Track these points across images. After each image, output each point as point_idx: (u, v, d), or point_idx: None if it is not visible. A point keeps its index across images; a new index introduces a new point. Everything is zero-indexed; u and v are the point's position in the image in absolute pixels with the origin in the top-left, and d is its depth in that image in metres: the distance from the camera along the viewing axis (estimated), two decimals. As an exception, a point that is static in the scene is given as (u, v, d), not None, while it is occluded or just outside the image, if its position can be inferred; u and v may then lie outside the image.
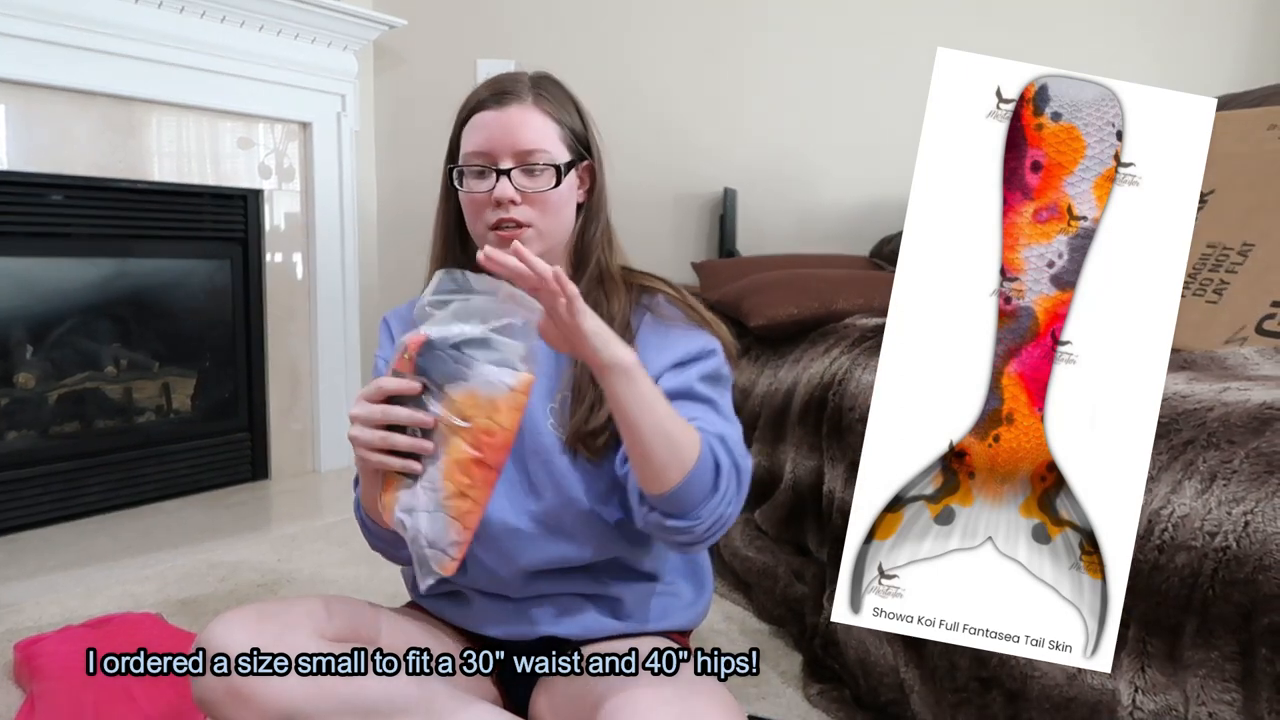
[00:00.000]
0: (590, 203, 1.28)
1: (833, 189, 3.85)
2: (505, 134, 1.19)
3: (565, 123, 1.24)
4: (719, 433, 1.15)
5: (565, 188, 1.22)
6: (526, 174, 1.19)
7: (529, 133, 1.20)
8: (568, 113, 1.25)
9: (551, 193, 1.20)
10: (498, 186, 1.18)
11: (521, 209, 1.19)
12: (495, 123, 1.20)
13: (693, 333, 1.25)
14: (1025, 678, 1.22)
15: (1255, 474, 0.99)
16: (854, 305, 2.26)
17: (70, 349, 2.87)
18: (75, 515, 2.77)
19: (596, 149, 1.29)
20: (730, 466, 1.13)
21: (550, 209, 1.21)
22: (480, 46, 3.66)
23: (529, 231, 1.20)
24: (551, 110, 1.22)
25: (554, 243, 1.24)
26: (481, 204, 1.21)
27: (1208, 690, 0.96)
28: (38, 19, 2.56)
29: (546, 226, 1.21)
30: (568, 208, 1.25)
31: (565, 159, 1.22)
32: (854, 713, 1.64)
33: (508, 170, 1.19)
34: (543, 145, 1.20)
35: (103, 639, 1.77)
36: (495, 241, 1.19)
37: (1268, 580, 0.91)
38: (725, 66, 3.78)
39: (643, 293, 1.29)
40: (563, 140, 1.23)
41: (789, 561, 2.04)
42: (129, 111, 2.86)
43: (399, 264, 3.75)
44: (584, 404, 1.21)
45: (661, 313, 1.26)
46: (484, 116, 1.21)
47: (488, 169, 1.20)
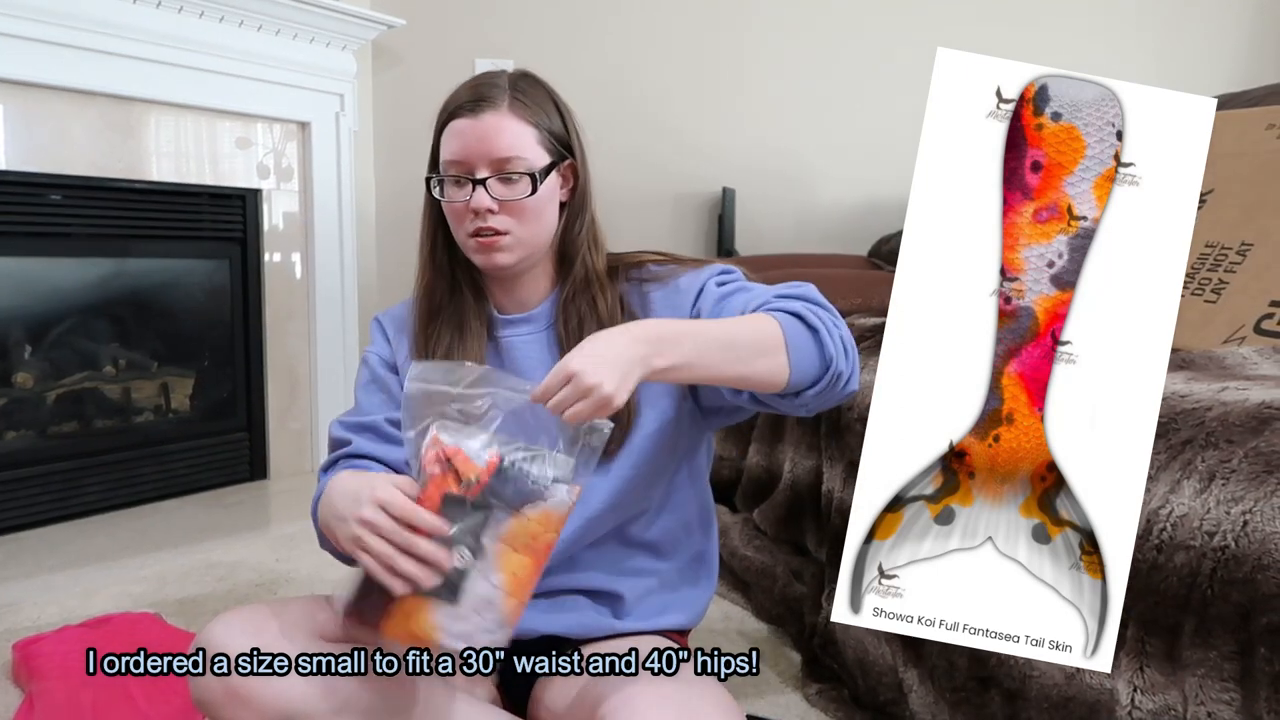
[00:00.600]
0: (573, 201, 1.28)
1: (831, 189, 3.85)
2: (480, 142, 1.19)
3: (543, 125, 1.22)
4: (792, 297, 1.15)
5: (545, 192, 1.22)
6: (503, 182, 1.19)
7: (504, 140, 1.19)
8: (546, 114, 1.24)
9: (529, 200, 1.20)
10: (474, 196, 1.18)
11: (500, 218, 1.19)
12: (470, 131, 1.19)
13: (694, 274, 1.25)
14: (1024, 677, 1.22)
15: (1254, 473, 0.99)
16: (852, 305, 2.26)
17: (69, 349, 2.87)
18: (74, 515, 2.77)
19: (578, 146, 1.27)
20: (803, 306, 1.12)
21: (529, 216, 1.21)
22: (479, 46, 3.65)
23: (507, 239, 1.20)
24: (527, 115, 1.21)
25: (535, 247, 1.24)
26: (460, 213, 1.21)
27: (1206, 690, 0.96)
28: (36, 19, 2.56)
29: (526, 234, 1.21)
30: (547, 211, 1.24)
31: (544, 163, 1.21)
32: (853, 712, 1.64)
33: (483, 180, 1.18)
34: (518, 152, 1.19)
35: (101, 639, 1.76)
36: (476, 248, 1.21)
37: (1266, 580, 0.91)
38: (723, 66, 3.78)
39: (631, 269, 1.29)
40: (541, 144, 1.22)
41: (787, 561, 2.04)
42: (128, 111, 2.86)
43: (397, 264, 3.75)
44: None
45: (657, 276, 1.26)
46: (460, 124, 1.20)
47: (464, 178, 1.20)
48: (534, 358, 1.27)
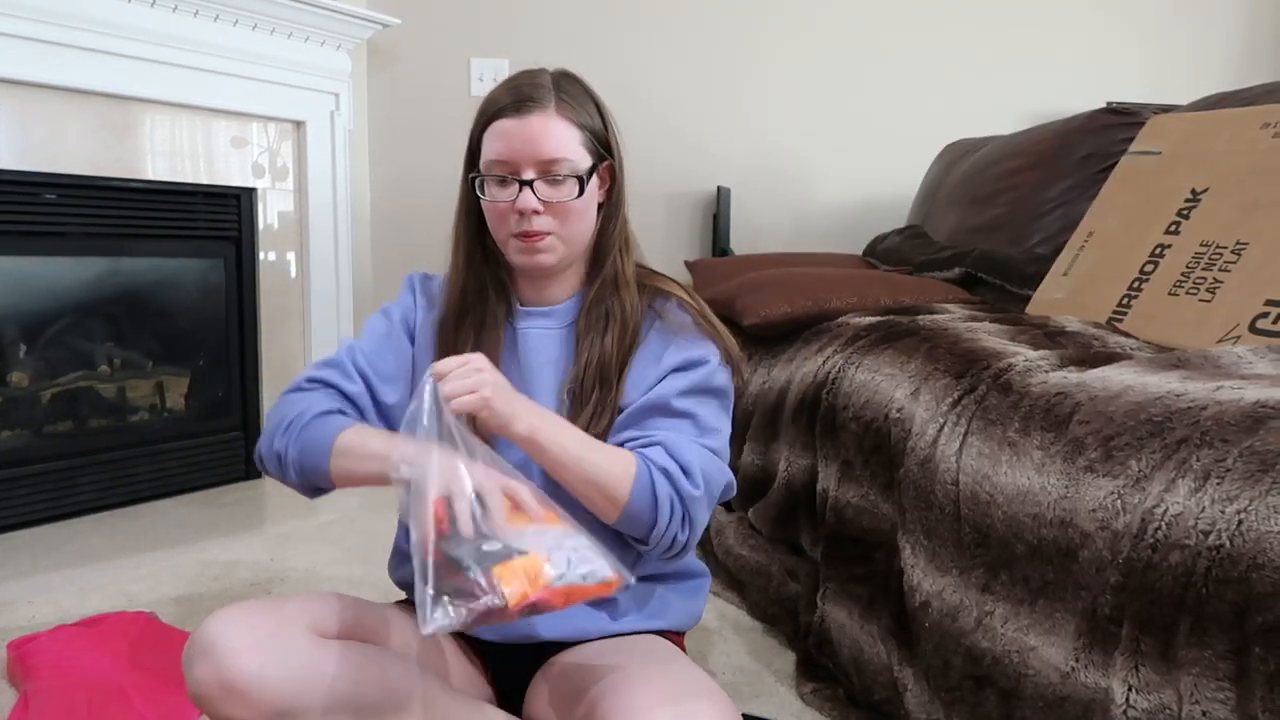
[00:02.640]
0: (609, 202, 1.30)
1: (826, 187, 3.85)
2: (527, 144, 1.19)
3: (586, 126, 1.24)
4: (674, 458, 1.18)
5: (588, 194, 1.23)
6: (550, 184, 1.20)
7: (551, 142, 1.20)
8: (589, 115, 1.25)
9: (574, 202, 1.21)
10: (520, 197, 1.19)
11: (544, 219, 1.20)
12: (517, 132, 1.20)
13: (693, 342, 1.25)
14: (1019, 676, 1.22)
15: (1249, 473, 0.99)
16: (847, 304, 2.26)
17: (64, 348, 2.86)
18: (69, 514, 2.76)
19: (616, 147, 1.30)
20: (670, 496, 1.16)
21: (573, 218, 1.23)
22: (473, 45, 3.65)
23: (550, 239, 1.22)
24: (573, 116, 1.22)
25: (576, 248, 1.26)
26: (504, 213, 1.22)
27: (1201, 689, 0.96)
28: (31, 18, 2.55)
29: (569, 234, 1.23)
30: (590, 213, 1.26)
31: (587, 164, 1.23)
32: (848, 711, 1.65)
33: (530, 181, 1.19)
34: (565, 154, 1.20)
35: (96, 638, 1.76)
36: (519, 249, 1.22)
37: (1261, 579, 0.92)
38: (719, 65, 3.78)
39: (656, 295, 1.30)
40: (584, 145, 1.23)
41: (782, 560, 2.04)
42: (123, 110, 2.86)
43: (392, 262, 3.75)
44: (586, 409, 1.23)
45: (671, 318, 1.27)
46: (505, 124, 1.20)
47: (510, 178, 1.20)
48: (546, 353, 1.28)
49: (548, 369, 1.27)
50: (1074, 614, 1.15)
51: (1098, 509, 1.13)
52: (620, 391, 1.24)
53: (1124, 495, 1.11)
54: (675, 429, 1.20)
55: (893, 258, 3.11)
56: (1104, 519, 1.12)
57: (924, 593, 1.44)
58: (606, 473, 1.13)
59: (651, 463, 1.16)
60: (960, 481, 1.39)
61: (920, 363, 1.66)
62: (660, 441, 1.18)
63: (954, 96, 3.79)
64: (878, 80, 3.79)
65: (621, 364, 1.24)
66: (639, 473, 1.14)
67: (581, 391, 1.23)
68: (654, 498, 1.14)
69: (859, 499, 1.71)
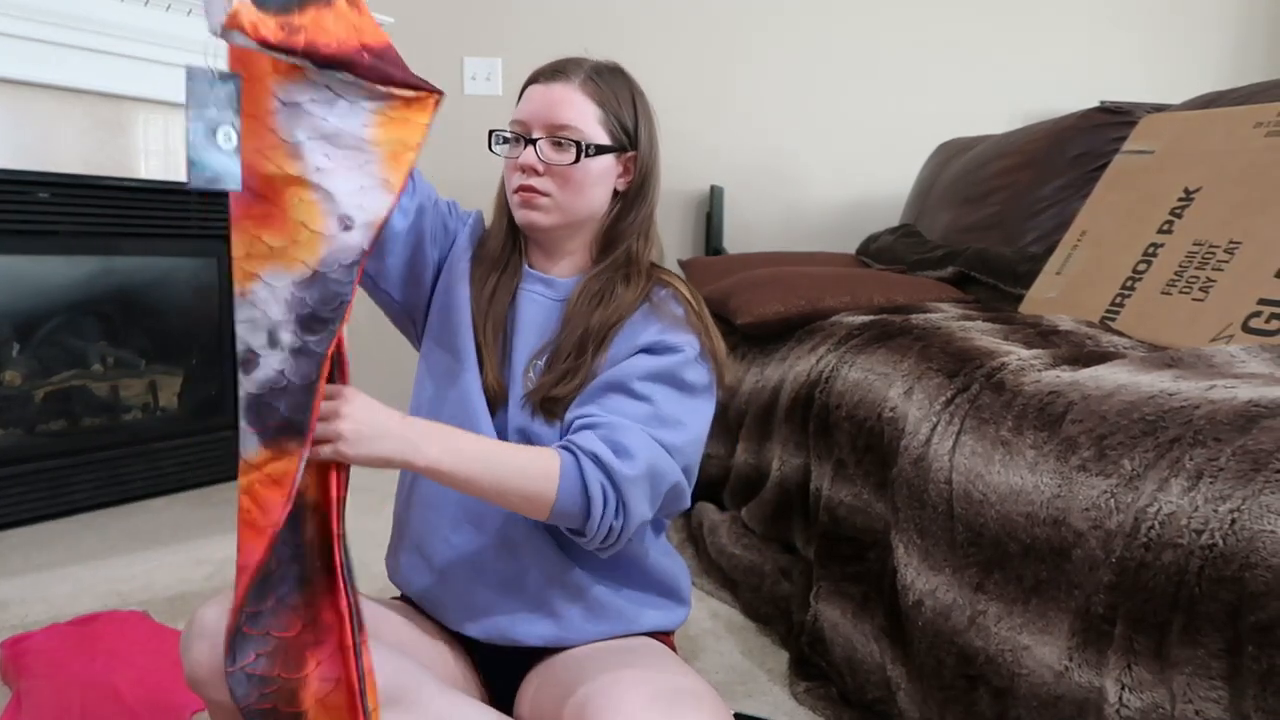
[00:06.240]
0: (629, 193, 1.31)
1: (819, 187, 3.85)
2: (543, 107, 1.24)
3: (610, 109, 1.27)
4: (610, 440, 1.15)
5: (595, 169, 1.26)
6: (553, 146, 1.24)
7: (565, 109, 1.24)
8: (618, 101, 1.28)
9: (574, 168, 1.24)
10: (523, 154, 1.24)
11: (543, 180, 1.24)
12: (539, 97, 1.25)
13: (673, 329, 1.24)
14: (1012, 675, 1.22)
15: (1242, 471, 0.99)
16: (840, 303, 2.26)
17: (57, 346, 2.85)
18: (62, 513, 2.75)
19: (647, 143, 1.32)
20: (600, 482, 1.13)
21: (571, 185, 1.25)
22: (466, 44, 3.65)
23: (546, 200, 1.25)
24: (595, 94, 1.26)
25: (572, 217, 1.27)
26: (511, 168, 1.27)
27: (1194, 688, 0.96)
28: (25, 17, 2.54)
29: (564, 200, 1.25)
30: (594, 189, 1.27)
31: (600, 141, 1.25)
32: (841, 710, 1.65)
33: (535, 140, 1.24)
34: (575, 123, 1.24)
35: (89, 637, 1.76)
36: (518, 204, 1.26)
37: (1254, 578, 0.92)
38: (712, 64, 3.78)
39: (656, 284, 1.30)
40: (602, 124, 1.26)
41: (775, 559, 2.04)
42: (116, 109, 2.84)
43: (387, 261, 3.74)
44: (556, 371, 1.24)
45: (662, 306, 1.27)
46: (533, 90, 1.27)
47: (520, 137, 1.25)
48: (532, 319, 1.30)
49: (532, 336, 1.28)
50: (1067, 613, 1.15)
51: (1091, 508, 1.14)
52: (596, 362, 1.24)
53: (1117, 494, 1.11)
54: (629, 413, 1.18)
55: (886, 257, 3.12)
56: (1097, 518, 1.12)
57: (917, 592, 1.44)
58: (528, 478, 1.11)
59: (580, 449, 1.14)
60: (953, 480, 1.39)
61: (913, 362, 1.67)
62: (604, 424, 1.16)
63: (947, 96, 3.80)
64: (871, 79, 3.79)
65: (602, 337, 1.24)
66: (564, 466, 1.12)
67: (558, 354, 1.24)
68: (583, 485, 1.12)
69: (852, 498, 1.71)
